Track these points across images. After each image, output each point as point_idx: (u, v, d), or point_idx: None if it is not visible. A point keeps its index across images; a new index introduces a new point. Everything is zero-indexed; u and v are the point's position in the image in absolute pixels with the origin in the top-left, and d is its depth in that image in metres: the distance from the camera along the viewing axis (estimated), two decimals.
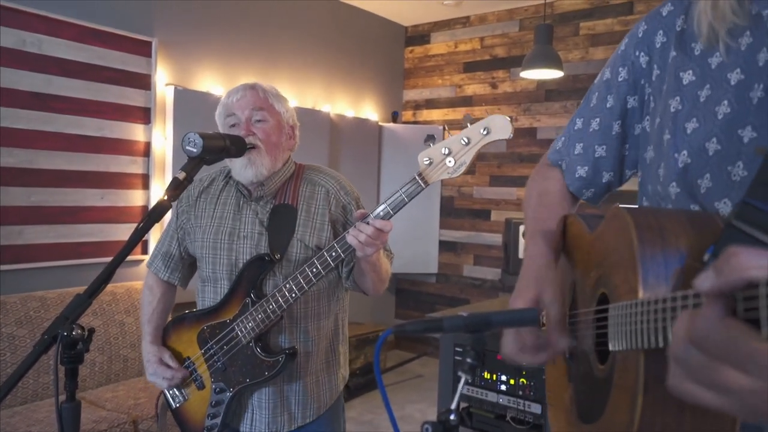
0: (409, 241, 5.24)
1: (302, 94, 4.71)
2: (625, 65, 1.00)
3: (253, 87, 1.69)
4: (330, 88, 4.97)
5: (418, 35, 5.61)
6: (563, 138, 1.11)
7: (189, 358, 1.72)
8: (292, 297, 1.56)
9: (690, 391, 0.55)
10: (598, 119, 1.04)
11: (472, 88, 5.25)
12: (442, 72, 5.45)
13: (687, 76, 0.88)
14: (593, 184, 1.06)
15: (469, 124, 1.41)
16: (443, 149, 1.43)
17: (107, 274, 1.24)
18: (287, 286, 1.56)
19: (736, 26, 0.82)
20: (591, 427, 0.82)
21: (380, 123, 5.32)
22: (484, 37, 5.20)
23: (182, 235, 1.79)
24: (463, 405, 3.09)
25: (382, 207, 1.46)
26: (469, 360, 0.79)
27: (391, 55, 5.60)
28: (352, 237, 1.46)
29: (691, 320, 0.51)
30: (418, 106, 5.61)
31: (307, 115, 4.55)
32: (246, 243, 1.68)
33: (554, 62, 3.55)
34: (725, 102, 0.82)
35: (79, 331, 1.18)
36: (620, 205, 0.82)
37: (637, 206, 1.00)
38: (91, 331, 1.22)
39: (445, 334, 3.01)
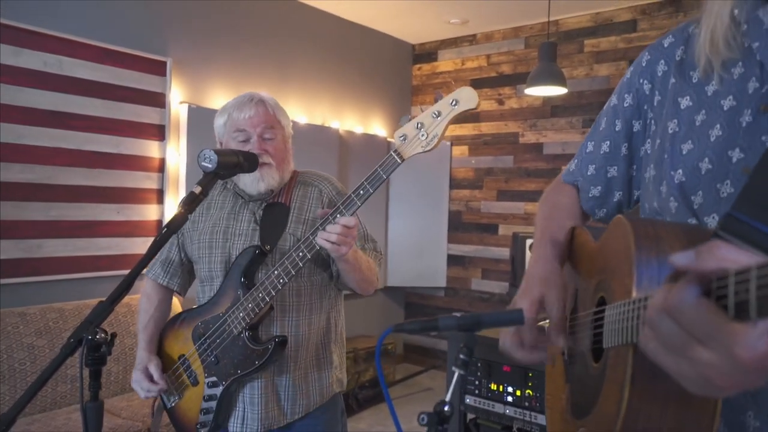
0: (418, 255, 5.30)
1: (311, 110, 4.80)
2: (630, 92, 1.07)
3: (261, 102, 1.74)
4: (339, 104, 5.06)
5: (426, 53, 5.70)
6: (576, 161, 1.17)
7: (184, 355, 1.74)
8: (280, 283, 1.57)
9: (655, 352, 0.62)
10: (608, 142, 1.11)
11: (479, 105, 5.33)
12: (450, 89, 5.48)
13: (685, 102, 0.95)
14: (606, 203, 1.12)
15: (439, 101, 1.47)
16: (416, 124, 1.48)
17: (128, 283, 1.32)
18: (275, 272, 1.58)
19: (729, 59, 0.89)
20: (583, 422, 0.86)
21: (388, 139, 5.40)
22: (490, 55, 5.28)
23: (182, 240, 1.84)
24: (470, 416, 3.12)
25: (360, 184, 1.50)
26: (462, 356, 0.85)
27: (399, 73, 5.69)
28: (322, 240, 1.50)
29: (669, 293, 0.58)
30: None
31: (316, 131, 4.65)
32: (240, 239, 1.72)
33: (558, 79, 3.63)
34: (717, 126, 0.88)
35: (103, 335, 1.25)
36: (622, 215, 0.89)
37: (637, 217, 1.08)
38: (113, 335, 1.30)
39: (454, 348, 3.07)
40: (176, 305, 2.80)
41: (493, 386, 2.97)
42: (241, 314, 1.63)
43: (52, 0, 3.27)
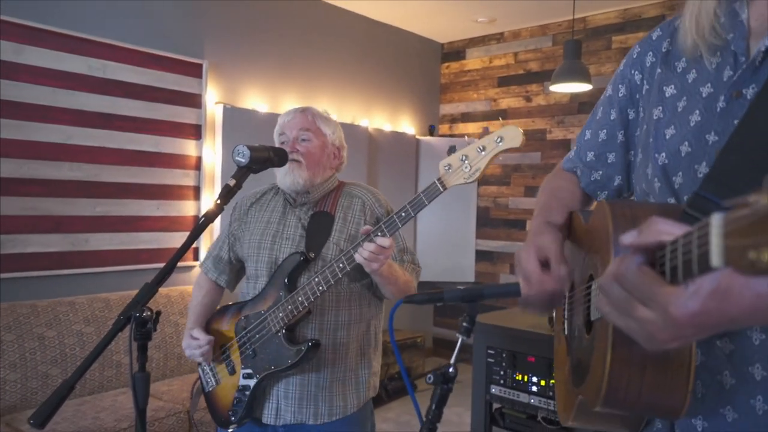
0: (447, 250, 5.37)
1: (341, 109, 4.88)
2: (623, 83, 1.12)
3: (304, 111, 1.88)
4: (368, 103, 5.13)
5: (454, 51, 5.76)
6: (576, 148, 1.22)
7: (225, 345, 1.85)
8: (319, 290, 1.66)
9: (609, 314, 0.71)
10: (605, 130, 1.15)
11: (507, 102, 5.38)
12: (477, 86, 5.58)
13: (669, 90, 1.01)
14: (606, 187, 1.17)
15: (487, 134, 1.53)
16: (461, 156, 1.53)
17: (170, 267, 1.43)
18: (315, 279, 1.66)
19: (713, 44, 0.94)
20: (580, 389, 0.93)
21: (417, 136, 5.45)
22: (518, 52, 5.32)
23: (233, 241, 1.95)
24: (496, 406, 3.19)
25: (403, 207, 1.59)
26: (465, 324, 0.96)
27: (427, 71, 5.74)
28: (357, 254, 1.59)
29: (618, 263, 0.67)
30: (454, 119, 5.76)
31: (346, 129, 4.71)
32: (287, 243, 1.82)
33: (583, 76, 3.67)
34: (697, 111, 0.94)
35: (148, 312, 1.39)
36: (603, 199, 0.97)
37: (617, 200, 1.15)
38: (158, 313, 1.43)
39: (473, 336, 3.14)
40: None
41: (518, 376, 3.01)
42: (280, 314, 1.72)
43: (97, 8, 3.43)
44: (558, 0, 4.47)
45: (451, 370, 0.95)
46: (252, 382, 1.77)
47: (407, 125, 5.49)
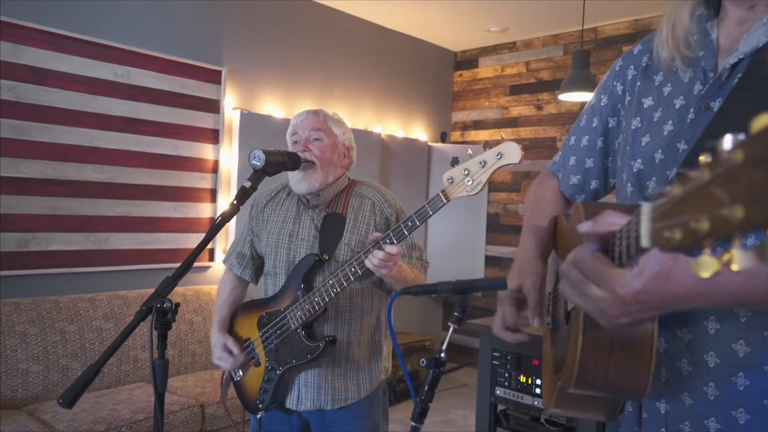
0: (457, 255, 5.44)
1: (355, 115, 4.96)
2: (606, 93, 1.19)
3: (315, 112, 1.96)
4: (382, 110, 5.20)
5: (467, 60, 5.83)
6: (560, 153, 1.30)
7: (249, 339, 1.96)
8: (334, 292, 1.76)
9: (569, 295, 0.80)
10: (587, 137, 1.23)
11: (518, 110, 5.45)
12: (489, 94, 5.65)
13: (647, 101, 1.08)
14: (584, 190, 1.24)
15: (486, 149, 1.59)
16: (463, 170, 1.59)
17: (188, 263, 1.53)
18: (330, 282, 1.76)
19: (687, 57, 1.02)
20: (559, 376, 1.00)
21: (429, 143, 5.53)
22: (529, 61, 5.39)
23: (252, 237, 2.05)
24: (500, 407, 3.25)
25: (409, 216, 1.67)
26: (456, 313, 1.06)
27: (440, 79, 5.80)
28: (367, 261, 1.68)
29: (576, 250, 0.77)
30: (466, 126, 5.84)
31: (360, 135, 4.81)
32: (303, 244, 1.91)
33: (591, 85, 3.75)
34: (670, 121, 1.02)
35: (168, 304, 1.49)
36: (579, 201, 1.05)
37: (591, 201, 1.24)
38: (177, 305, 1.53)
39: (486, 345, 3.21)
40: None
41: (522, 378, 3.06)
42: (299, 313, 1.82)
43: (122, 17, 3.55)
44: (569, 10, 4.54)
45: (442, 355, 1.04)
46: (276, 374, 1.88)
47: (420, 132, 5.57)
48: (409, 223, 1.67)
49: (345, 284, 1.75)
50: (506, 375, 3.10)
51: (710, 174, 0.46)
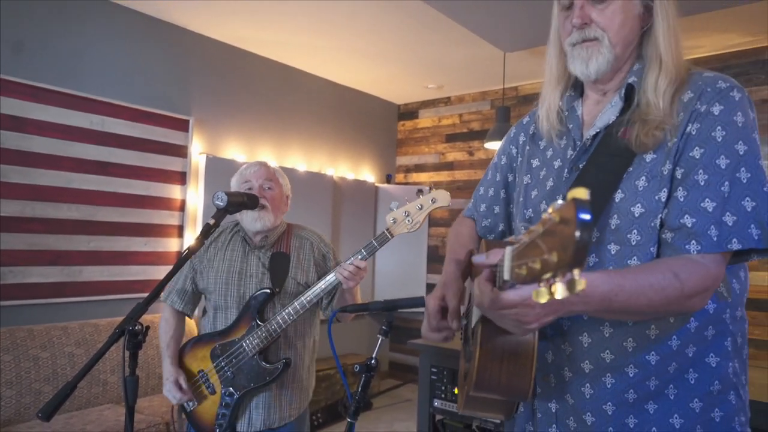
0: (402, 283, 5.52)
1: (310, 160, 5.01)
2: (504, 154, 1.33)
3: (265, 165, 2.04)
4: (334, 154, 5.27)
5: (409, 112, 5.97)
6: (472, 200, 1.42)
7: (203, 370, 1.93)
8: (290, 319, 1.84)
9: (495, 318, 0.89)
10: (492, 188, 1.35)
11: (453, 155, 5.63)
12: (428, 142, 5.80)
13: (535, 162, 1.21)
14: (493, 231, 1.36)
15: (421, 195, 1.80)
16: (404, 212, 1.79)
17: (157, 291, 1.57)
18: (286, 311, 1.84)
19: (559, 131, 1.16)
20: (465, 381, 1.09)
21: (376, 184, 5.61)
22: (462, 114, 5.58)
23: (194, 275, 2.02)
24: (438, 417, 3.32)
25: (359, 250, 1.80)
26: (384, 328, 1.16)
27: (386, 128, 5.91)
28: (338, 273, 1.80)
29: (477, 280, 0.88)
30: (408, 169, 5.97)
31: (314, 177, 4.85)
32: (252, 281, 1.94)
33: None
34: (551, 179, 1.14)
35: (139, 326, 1.53)
36: (484, 239, 1.18)
37: (494, 240, 1.37)
38: (147, 327, 1.57)
39: (426, 363, 3.28)
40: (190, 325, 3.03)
41: (456, 391, 3.15)
42: (255, 341, 1.85)
43: (97, 71, 3.55)
44: (494, 71, 4.76)
45: (372, 362, 1.14)
46: (233, 399, 1.88)
47: (368, 174, 5.65)
48: (359, 257, 1.80)
49: (301, 311, 1.84)
50: (443, 388, 3.17)
51: (542, 228, 0.58)
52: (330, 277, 1.84)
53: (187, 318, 2.09)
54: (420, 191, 1.82)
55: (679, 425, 0.99)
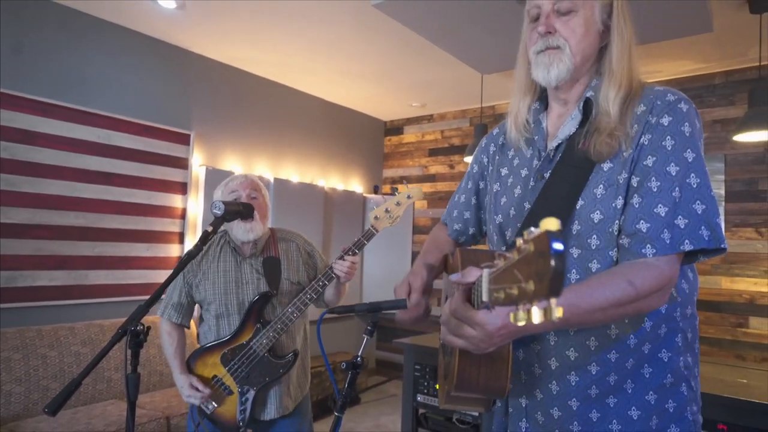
0: (388, 286, 5.51)
1: (303, 171, 5.01)
2: (477, 163, 1.34)
3: (250, 176, 2.03)
4: (325, 167, 5.27)
5: (394, 128, 5.99)
6: (449, 206, 1.42)
7: (216, 375, 1.90)
8: (294, 317, 1.85)
9: (450, 340, 0.89)
10: (464, 195, 1.36)
11: (435, 168, 5.66)
12: (413, 156, 5.82)
13: (504, 171, 1.21)
14: (464, 234, 1.36)
15: (397, 193, 1.84)
16: (385, 209, 1.83)
17: (159, 293, 1.57)
18: (289, 309, 1.85)
19: (527, 138, 1.16)
20: (446, 381, 1.08)
21: (364, 194, 5.61)
22: (444, 130, 5.60)
23: (189, 288, 1.98)
24: (421, 411, 3.32)
25: (349, 245, 1.85)
26: (369, 328, 1.17)
27: (373, 142, 5.92)
28: (338, 270, 1.84)
29: (450, 301, 0.87)
30: (394, 181, 5.98)
31: (307, 188, 4.85)
32: (249, 287, 1.94)
33: None
34: (519, 186, 1.14)
35: (141, 326, 1.52)
36: (459, 247, 1.18)
37: (469, 248, 1.37)
38: (149, 327, 1.57)
39: (410, 360, 3.28)
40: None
41: (438, 386, 3.16)
42: (264, 340, 1.86)
43: (103, 87, 3.54)
44: (472, 91, 4.82)
45: (358, 360, 1.15)
46: (251, 394, 1.89)
47: (356, 185, 5.65)
48: (351, 252, 1.85)
49: (304, 309, 1.86)
50: (425, 384, 3.18)
51: (518, 256, 0.56)
52: (328, 273, 1.88)
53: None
54: (395, 189, 1.90)
55: (637, 416, 1.01)
